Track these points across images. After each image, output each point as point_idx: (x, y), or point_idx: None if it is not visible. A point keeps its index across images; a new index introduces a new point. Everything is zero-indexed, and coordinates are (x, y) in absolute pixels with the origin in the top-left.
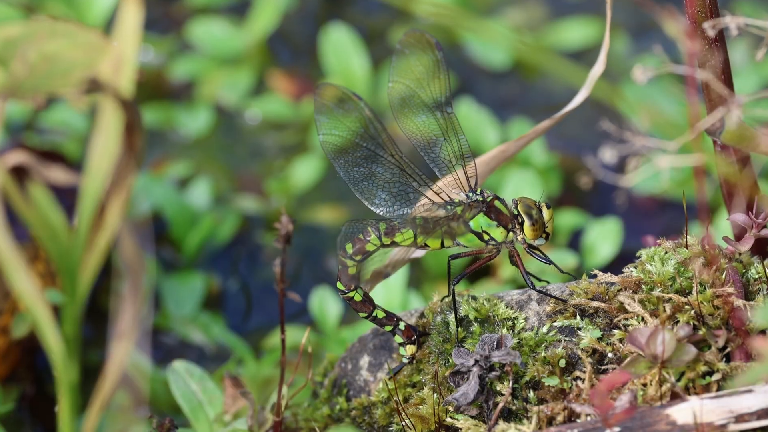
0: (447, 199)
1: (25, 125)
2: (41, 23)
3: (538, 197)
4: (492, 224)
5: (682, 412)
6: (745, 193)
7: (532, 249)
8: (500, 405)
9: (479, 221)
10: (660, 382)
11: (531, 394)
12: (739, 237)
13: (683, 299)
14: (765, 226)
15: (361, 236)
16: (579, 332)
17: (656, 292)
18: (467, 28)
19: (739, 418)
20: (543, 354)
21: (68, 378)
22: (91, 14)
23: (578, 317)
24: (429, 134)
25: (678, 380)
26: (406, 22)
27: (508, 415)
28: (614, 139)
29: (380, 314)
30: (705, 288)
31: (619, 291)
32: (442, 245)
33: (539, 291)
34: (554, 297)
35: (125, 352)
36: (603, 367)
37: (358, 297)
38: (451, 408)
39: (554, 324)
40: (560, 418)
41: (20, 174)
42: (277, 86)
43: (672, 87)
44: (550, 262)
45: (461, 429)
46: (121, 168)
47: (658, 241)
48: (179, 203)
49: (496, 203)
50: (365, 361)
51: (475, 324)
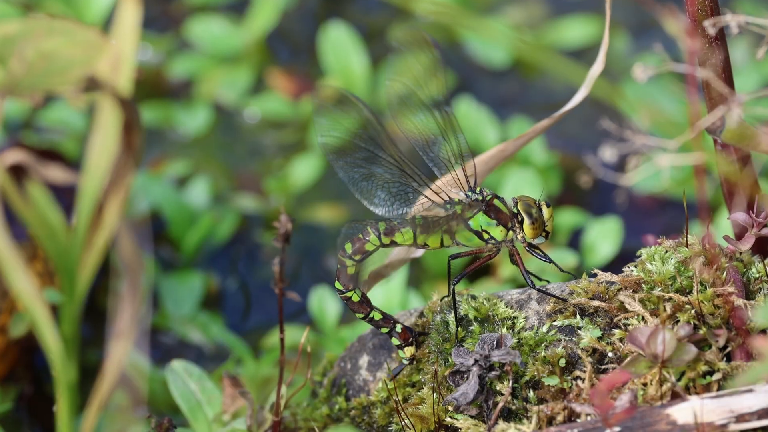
0: (446, 199)
1: (24, 124)
2: (39, 21)
3: (538, 196)
4: (492, 223)
5: (683, 412)
6: (746, 192)
7: (532, 248)
8: (500, 405)
9: (479, 220)
10: (660, 382)
11: (531, 394)
12: (740, 236)
13: (684, 298)
14: (766, 225)
15: (361, 236)
16: (579, 332)
17: (656, 292)
18: (467, 27)
19: (740, 418)
20: (543, 353)
21: (67, 377)
22: (90, 12)
23: (578, 316)
24: (428, 133)
25: (678, 380)
26: (406, 21)
27: (508, 415)
28: (614, 138)
29: (377, 316)
30: (705, 287)
31: (620, 290)
32: (442, 244)
33: (539, 290)
34: (554, 296)
35: (124, 352)
36: (603, 367)
37: (356, 297)
38: (451, 408)
39: (554, 323)
40: (560, 418)
41: (18, 173)
42: (276, 85)
43: (672, 85)
44: (550, 261)
45: (461, 429)
46: (120, 167)
47: (659, 240)
48: (178, 202)
49: (496, 202)
50: (364, 361)
51: (475, 323)
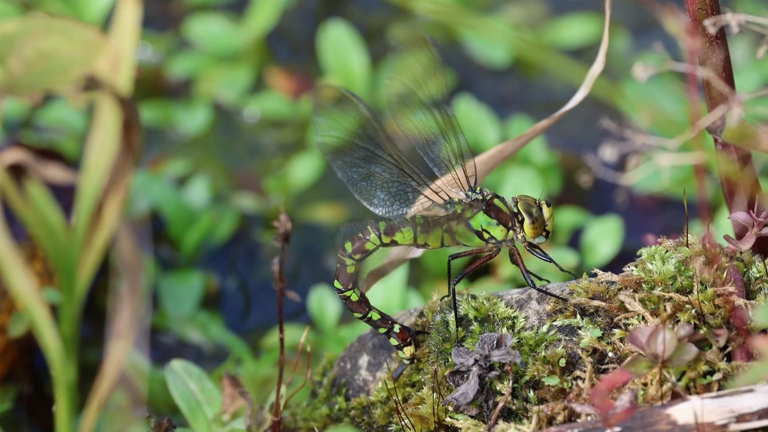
0: (446, 198)
1: (23, 123)
2: (38, 20)
3: (538, 195)
4: (492, 223)
5: (683, 412)
6: (746, 192)
7: (533, 247)
8: (500, 405)
9: (479, 220)
10: (661, 382)
11: (531, 394)
12: (740, 235)
13: (684, 298)
14: (766, 225)
15: (361, 235)
16: (579, 331)
17: (657, 291)
18: (467, 26)
19: (740, 418)
20: (543, 353)
21: (66, 377)
22: (89, 11)
23: (578, 316)
24: (427, 133)
25: (679, 380)
26: (406, 20)
27: (508, 415)
28: (614, 138)
29: (375, 316)
30: (706, 287)
31: (620, 290)
32: (443, 244)
33: (539, 290)
34: (554, 296)
35: (123, 352)
36: (603, 367)
37: (355, 297)
38: (451, 408)
39: (554, 323)
40: (560, 418)
41: (18, 172)
42: (276, 84)
43: (672, 85)
44: (551, 260)
45: (461, 429)
46: (119, 166)
47: (659, 240)
48: (177, 202)
49: (496, 201)
50: (364, 361)
51: (475, 323)
